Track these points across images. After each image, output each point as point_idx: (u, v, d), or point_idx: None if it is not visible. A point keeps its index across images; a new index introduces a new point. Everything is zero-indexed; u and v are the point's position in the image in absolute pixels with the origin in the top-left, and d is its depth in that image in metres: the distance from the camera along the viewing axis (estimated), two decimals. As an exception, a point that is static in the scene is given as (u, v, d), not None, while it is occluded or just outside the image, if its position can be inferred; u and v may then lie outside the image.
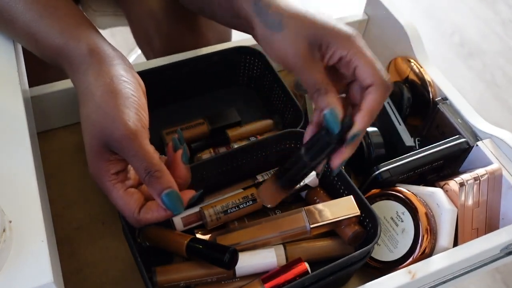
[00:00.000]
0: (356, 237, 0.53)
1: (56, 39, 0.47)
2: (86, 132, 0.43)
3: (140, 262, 0.47)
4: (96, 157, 0.43)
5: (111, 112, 0.42)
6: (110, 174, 0.43)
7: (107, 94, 0.43)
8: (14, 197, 0.42)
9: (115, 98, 0.43)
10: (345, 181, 0.55)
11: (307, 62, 0.45)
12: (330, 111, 0.43)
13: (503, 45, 1.69)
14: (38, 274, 0.38)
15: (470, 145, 0.61)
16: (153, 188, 0.42)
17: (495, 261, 0.58)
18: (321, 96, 0.44)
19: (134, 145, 0.41)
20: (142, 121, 0.43)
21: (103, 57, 0.45)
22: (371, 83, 0.45)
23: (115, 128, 0.41)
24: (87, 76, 0.44)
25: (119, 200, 0.43)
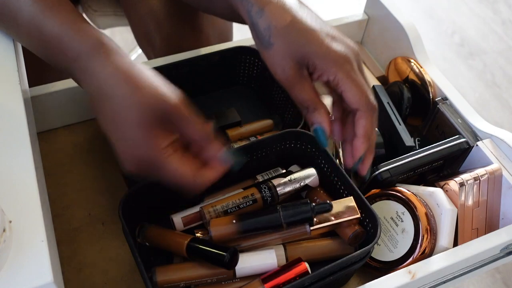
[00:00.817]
0: (356, 237, 0.53)
1: (59, 32, 0.45)
2: (129, 114, 0.42)
3: (140, 262, 0.47)
4: (148, 134, 0.43)
5: (152, 87, 0.43)
6: (163, 148, 0.43)
7: (137, 73, 0.43)
8: (14, 197, 0.42)
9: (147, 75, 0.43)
10: (345, 181, 0.55)
11: (295, 81, 0.46)
12: (318, 128, 0.47)
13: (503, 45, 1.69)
14: (38, 274, 0.38)
15: (470, 145, 0.61)
16: (213, 147, 0.44)
17: (495, 261, 0.58)
18: (310, 113, 0.47)
19: (186, 112, 0.43)
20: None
21: (115, 48, 0.45)
22: (357, 107, 0.47)
23: (167, 101, 0.42)
24: (97, 61, 0.44)
25: (177, 170, 0.43)
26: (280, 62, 0.46)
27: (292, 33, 0.46)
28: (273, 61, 0.46)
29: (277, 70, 0.47)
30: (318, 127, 0.47)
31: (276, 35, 0.46)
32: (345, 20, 0.76)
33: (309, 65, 0.46)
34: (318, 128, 0.47)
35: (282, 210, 0.50)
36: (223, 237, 0.50)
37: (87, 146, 0.66)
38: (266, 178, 0.58)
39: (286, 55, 0.46)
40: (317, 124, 0.47)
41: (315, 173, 0.57)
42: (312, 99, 0.46)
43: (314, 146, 0.58)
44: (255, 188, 0.56)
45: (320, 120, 0.46)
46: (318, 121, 0.46)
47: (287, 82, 0.47)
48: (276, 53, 0.46)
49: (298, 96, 0.47)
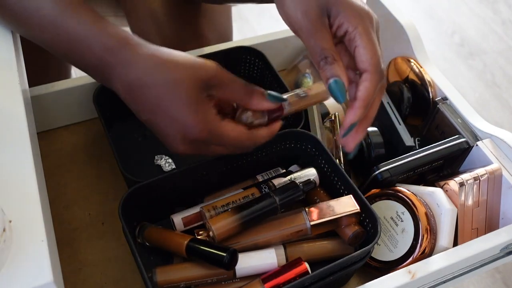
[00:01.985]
0: (356, 237, 0.53)
1: (87, 31, 0.45)
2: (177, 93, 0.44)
3: (140, 262, 0.47)
4: (202, 107, 0.44)
5: (190, 61, 0.45)
6: (216, 115, 0.45)
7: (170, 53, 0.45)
8: (14, 197, 0.42)
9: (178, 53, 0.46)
10: (345, 181, 0.55)
11: (316, 26, 0.44)
12: (336, 81, 0.43)
13: (503, 45, 1.69)
14: (38, 274, 0.38)
15: (470, 145, 0.61)
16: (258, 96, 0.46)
17: (495, 261, 0.58)
18: (328, 65, 0.43)
19: (229, 74, 0.46)
20: None
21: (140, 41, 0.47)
22: (365, 68, 0.44)
23: (205, 68, 0.45)
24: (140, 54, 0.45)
25: (234, 131, 0.46)
26: (303, 6, 0.44)
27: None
28: (295, 6, 0.44)
29: (298, 15, 0.44)
30: (336, 79, 0.43)
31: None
32: (345, 20, 0.76)
33: (331, 12, 0.44)
34: (337, 81, 0.43)
35: (275, 194, 0.52)
36: (225, 232, 0.50)
37: (87, 146, 0.66)
38: (266, 178, 0.58)
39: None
40: (335, 77, 0.43)
41: (315, 173, 0.57)
42: (332, 48, 0.44)
43: (314, 146, 0.58)
44: (255, 188, 0.56)
45: (339, 73, 0.43)
46: (337, 74, 0.43)
47: (308, 26, 0.44)
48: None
49: (318, 44, 0.44)
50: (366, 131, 0.48)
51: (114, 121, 0.66)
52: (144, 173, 0.62)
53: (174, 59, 0.45)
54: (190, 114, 0.44)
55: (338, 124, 0.64)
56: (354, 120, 0.46)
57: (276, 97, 0.48)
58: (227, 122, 0.46)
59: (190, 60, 0.45)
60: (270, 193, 0.52)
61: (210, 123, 0.45)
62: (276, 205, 0.52)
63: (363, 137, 0.48)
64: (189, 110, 0.44)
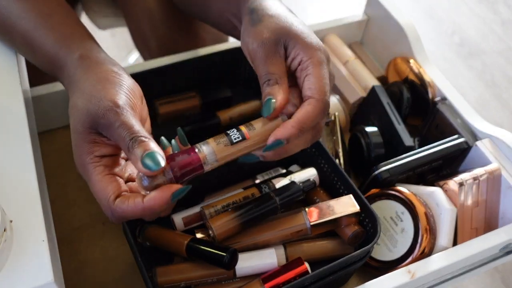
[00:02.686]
0: (356, 237, 0.54)
1: (50, 48, 0.47)
2: (72, 119, 0.43)
3: (141, 262, 0.47)
4: (80, 139, 0.42)
5: (98, 93, 0.42)
6: (93, 156, 0.41)
7: (96, 82, 0.43)
8: (15, 197, 0.42)
9: (104, 83, 0.43)
10: (345, 181, 0.55)
11: (268, 54, 0.45)
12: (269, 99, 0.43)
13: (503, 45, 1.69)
14: (39, 273, 0.38)
15: (469, 145, 0.61)
16: (134, 154, 0.39)
17: (494, 260, 0.58)
18: (269, 86, 0.43)
19: (121, 116, 0.40)
20: (132, 104, 0.42)
21: (93, 61, 0.45)
22: (311, 95, 0.44)
23: (102, 104, 0.41)
24: (75, 75, 0.45)
25: (96, 184, 0.41)
26: (261, 34, 0.45)
27: (281, 17, 0.47)
28: (256, 34, 0.46)
29: (255, 44, 0.45)
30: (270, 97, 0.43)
31: (269, 15, 0.47)
32: (345, 20, 0.77)
33: (289, 44, 0.45)
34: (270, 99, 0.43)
35: (275, 193, 0.52)
36: (225, 232, 0.50)
37: (88, 146, 0.66)
38: (266, 178, 0.58)
39: (270, 29, 0.46)
40: (271, 96, 0.43)
41: (316, 173, 0.57)
42: (279, 73, 0.44)
43: (314, 146, 0.58)
44: (255, 188, 0.56)
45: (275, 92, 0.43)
46: (273, 93, 0.43)
47: (261, 55, 0.45)
48: (261, 27, 0.46)
49: (266, 68, 0.44)
50: (280, 158, 0.45)
51: (115, 121, 0.66)
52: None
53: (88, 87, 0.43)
54: (74, 141, 0.42)
55: (338, 124, 0.64)
56: (281, 137, 0.42)
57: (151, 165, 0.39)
58: (98, 170, 0.41)
59: (96, 91, 0.42)
60: (270, 193, 0.52)
61: (81, 160, 0.42)
62: (276, 205, 0.52)
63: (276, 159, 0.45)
64: (75, 136, 0.42)
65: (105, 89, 0.42)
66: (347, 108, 0.69)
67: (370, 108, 0.67)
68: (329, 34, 0.76)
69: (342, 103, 0.68)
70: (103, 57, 0.47)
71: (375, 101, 0.66)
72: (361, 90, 0.70)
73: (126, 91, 0.43)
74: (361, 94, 0.69)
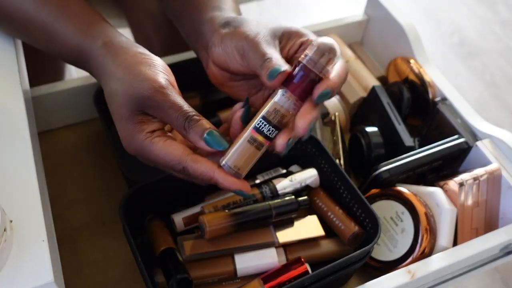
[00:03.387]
0: (355, 238, 0.54)
1: (72, 39, 0.47)
2: (114, 106, 0.44)
3: (141, 262, 0.47)
4: (128, 123, 0.43)
5: (137, 76, 0.43)
6: (146, 133, 0.43)
7: (130, 66, 0.44)
8: (15, 197, 0.42)
9: (139, 66, 0.44)
10: (345, 181, 0.55)
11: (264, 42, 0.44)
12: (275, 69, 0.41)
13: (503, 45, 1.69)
14: (39, 273, 0.38)
15: (470, 145, 0.61)
16: (194, 131, 0.41)
17: (494, 260, 0.58)
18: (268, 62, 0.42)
19: (169, 97, 0.42)
20: (170, 80, 0.44)
21: (118, 46, 0.46)
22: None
23: (145, 86, 0.42)
24: (105, 63, 0.45)
25: (162, 151, 0.42)
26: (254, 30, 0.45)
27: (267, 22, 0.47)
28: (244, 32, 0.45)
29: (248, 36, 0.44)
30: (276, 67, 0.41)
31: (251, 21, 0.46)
32: (345, 20, 0.77)
33: (283, 36, 0.45)
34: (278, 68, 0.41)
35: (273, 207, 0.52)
36: (217, 231, 0.50)
37: (87, 146, 0.66)
38: (266, 178, 0.58)
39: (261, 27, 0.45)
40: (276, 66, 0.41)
41: (316, 174, 0.57)
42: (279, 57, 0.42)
43: (314, 146, 0.58)
44: (255, 188, 0.56)
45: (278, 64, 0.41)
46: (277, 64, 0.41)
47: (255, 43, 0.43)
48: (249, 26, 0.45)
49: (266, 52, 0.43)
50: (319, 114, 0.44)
51: (115, 121, 0.66)
52: (144, 173, 0.62)
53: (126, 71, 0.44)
54: (123, 126, 0.43)
55: (338, 124, 0.64)
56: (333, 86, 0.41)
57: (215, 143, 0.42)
58: (160, 141, 0.42)
59: (136, 74, 0.43)
60: (269, 204, 0.53)
61: (135, 140, 0.43)
62: (271, 214, 0.52)
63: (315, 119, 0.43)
64: (123, 122, 0.43)
65: (144, 72, 0.43)
66: (347, 108, 0.69)
67: (370, 108, 0.67)
68: (329, 34, 0.76)
69: (342, 103, 0.68)
70: (125, 41, 0.47)
71: (375, 101, 0.66)
72: (361, 90, 0.70)
73: (162, 70, 0.44)
74: (361, 94, 0.69)
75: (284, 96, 0.40)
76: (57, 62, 0.89)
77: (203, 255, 0.51)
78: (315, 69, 0.39)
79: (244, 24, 0.46)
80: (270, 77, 0.41)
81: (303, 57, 0.40)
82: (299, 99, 0.40)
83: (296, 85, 0.40)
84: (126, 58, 0.45)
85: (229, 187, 0.42)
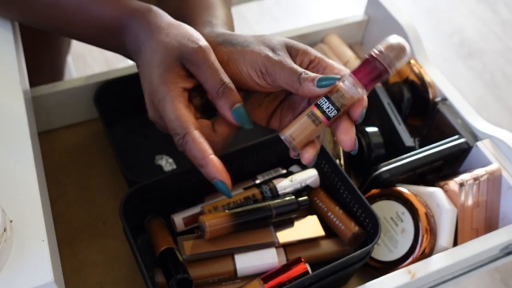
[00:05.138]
0: (356, 238, 0.54)
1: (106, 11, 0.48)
2: (156, 57, 0.44)
3: (141, 262, 0.47)
4: (168, 69, 0.44)
5: (182, 33, 0.45)
6: (177, 86, 0.44)
7: (175, 25, 0.46)
8: (15, 197, 0.42)
9: (182, 26, 0.46)
10: (345, 181, 0.55)
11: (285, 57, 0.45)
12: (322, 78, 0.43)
13: (503, 46, 1.70)
14: (39, 273, 0.38)
15: (470, 145, 0.61)
16: (226, 99, 0.43)
17: (494, 261, 0.58)
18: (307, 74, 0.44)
19: (209, 57, 0.44)
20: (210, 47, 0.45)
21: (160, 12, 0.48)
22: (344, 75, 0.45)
23: (190, 42, 0.44)
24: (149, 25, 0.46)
25: (177, 110, 0.43)
26: (265, 50, 0.45)
27: (265, 36, 0.47)
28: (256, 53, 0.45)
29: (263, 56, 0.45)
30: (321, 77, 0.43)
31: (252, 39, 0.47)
32: (345, 20, 0.77)
33: (292, 52, 0.46)
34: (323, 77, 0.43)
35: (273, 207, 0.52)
36: (217, 231, 0.50)
37: (88, 146, 0.66)
38: (266, 179, 0.58)
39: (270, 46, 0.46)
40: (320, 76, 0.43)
41: (316, 174, 0.57)
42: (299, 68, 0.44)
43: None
44: (255, 188, 0.56)
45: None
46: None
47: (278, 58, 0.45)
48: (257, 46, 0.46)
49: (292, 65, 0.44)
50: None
51: (115, 121, 0.66)
52: (144, 173, 0.62)
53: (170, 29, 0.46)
54: (155, 75, 0.44)
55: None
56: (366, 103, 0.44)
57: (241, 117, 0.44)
58: (179, 101, 0.43)
59: (180, 32, 0.45)
60: (270, 205, 0.53)
61: (163, 90, 0.44)
62: (271, 214, 0.52)
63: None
64: (156, 70, 0.44)
65: (190, 30, 0.46)
66: (347, 108, 0.69)
67: (370, 108, 0.67)
68: (329, 34, 0.76)
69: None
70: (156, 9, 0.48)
71: (375, 101, 0.66)
72: (361, 90, 0.69)
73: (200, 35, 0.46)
74: (361, 94, 0.69)
75: (350, 82, 0.42)
76: (56, 62, 0.89)
77: (203, 255, 0.51)
78: (385, 62, 0.42)
79: (250, 43, 0.46)
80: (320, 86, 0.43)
81: (374, 50, 0.43)
82: (364, 86, 0.43)
83: (363, 74, 0.42)
84: (171, 21, 0.47)
85: (213, 175, 0.43)
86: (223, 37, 0.48)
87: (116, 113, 0.66)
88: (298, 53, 0.46)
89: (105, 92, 0.64)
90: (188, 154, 0.44)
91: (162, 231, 0.53)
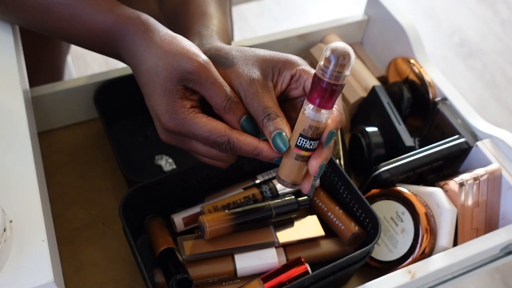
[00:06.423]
0: (356, 238, 0.54)
1: (103, 20, 0.47)
2: (156, 81, 0.44)
3: (140, 262, 0.47)
4: (172, 97, 0.44)
5: (180, 50, 0.44)
6: (188, 107, 0.44)
7: (170, 41, 0.45)
8: (14, 197, 0.42)
9: (179, 41, 0.45)
10: (345, 181, 0.55)
11: (261, 88, 0.45)
12: (279, 133, 0.43)
13: (503, 45, 1.70)
14: (39, 273, 0.38)
15: (470, 145, 0.61)
16: (233, 113, 0.44)
17: (494, 261, 0.58)
18: (270, 120, 0.44)
19: (211, 74, 0.44)
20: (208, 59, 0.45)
21: (155, 25, 0.47)
22: None
23: (188, 60, 0.43)
24: (143, 40, 0.46)
25: (207, 125, 0.43)
26: (246, 74, 0.45)
27: (249, 51, 0.47)
28: (238, 75, 0.45)
29: (243, 81, 0.45)
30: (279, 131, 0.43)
31: (236, 55, 0.46)
32: (345, 20, 0.77)
33: (274, 72, 0.46)
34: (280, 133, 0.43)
35: (273, 207, 0.53)
36: (217, 231, 0.50)
37: (87, 146, 0.66)
38: (266, 178, 0.58)
39: (252, 67, 0.46)
40: (278, 130, 0.43)
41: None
42: (276, 106, 0.45)
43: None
44: (255, 188, 0.56)
45: (281, 126, 0.43)
46: (280, 127, 0.43)
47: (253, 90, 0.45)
48: (241, 68, 0.45)
49: (263, 104, 0.44)
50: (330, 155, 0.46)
51: (115, 121, 0.66)
52: (144, 173, 0.62)
53: (164, 48, 0.45)
54: (161, 103, 0.44)
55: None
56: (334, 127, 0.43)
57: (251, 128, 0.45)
58: (202, 116, 0.44)
59: (178, 49, 0.44)
60: (270, 205, 0.53)
61: (178, 115, 0.44)
62: (271, 213, 0.52)
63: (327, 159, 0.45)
64: (161, 99, 0.44)
65: (187, 47, 0.45)
66: (347, 108, 0.69)
67: (370, 108, 0.67)
68: (329, 34, 0.76)
69: (342, 103, 0.68)
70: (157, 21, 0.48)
71: (375, 101, 0.66)
72: (362, 90, 0.70)
73: (197, 49, 0.45)
74: (362, 94, 0.69)
75: (312, 111, 0.41)
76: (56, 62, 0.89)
77: (203, 255, 0.51)
78: (331, 78, 0.40)
79: (235, 63, 0.46)
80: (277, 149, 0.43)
81: (318, 69, 0.40)
82: (326, 108, 0.41)
83: (317, 96, 0.41)
84: (165, 34, 0.46)
85: (271, 156, 0.44)
86: (209, 53, 0.47)
87: (116, 113, 0.66)
88: (280, 71, 0.46)
89: (105, 92, 0.64)
90: (240, 152, 0.44)
91: (162, 231, 0.53)
